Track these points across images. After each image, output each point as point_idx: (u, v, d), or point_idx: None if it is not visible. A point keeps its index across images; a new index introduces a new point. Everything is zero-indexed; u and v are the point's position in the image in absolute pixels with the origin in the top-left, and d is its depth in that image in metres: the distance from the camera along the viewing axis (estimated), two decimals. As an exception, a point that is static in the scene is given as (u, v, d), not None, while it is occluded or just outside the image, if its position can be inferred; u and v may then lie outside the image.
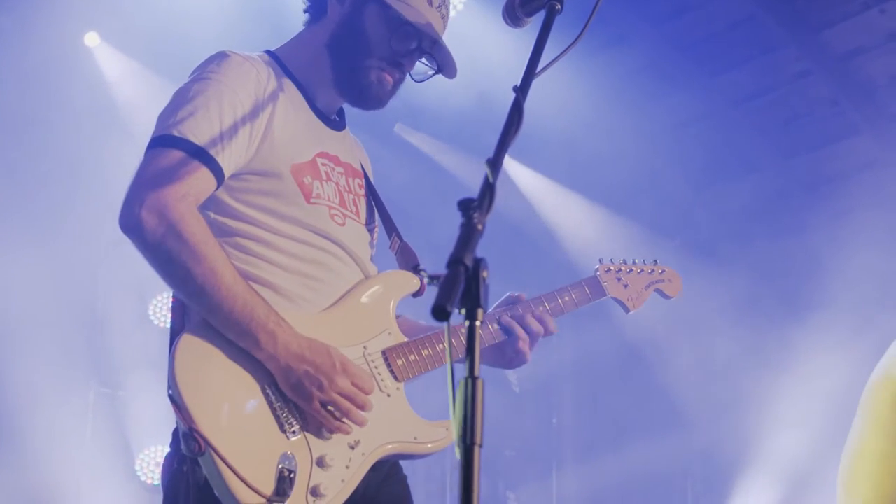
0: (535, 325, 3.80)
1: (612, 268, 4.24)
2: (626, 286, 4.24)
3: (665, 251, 10.51)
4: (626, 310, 4.27)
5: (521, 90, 2.54)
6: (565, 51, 2.76)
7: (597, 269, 4.21)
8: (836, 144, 10.34)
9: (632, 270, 4.29)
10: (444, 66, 3.77)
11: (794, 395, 9.87)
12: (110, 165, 8.39)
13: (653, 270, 4.37)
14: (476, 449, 1.99)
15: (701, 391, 10.64)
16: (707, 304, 10.13)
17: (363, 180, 3.86)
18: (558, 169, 11.06)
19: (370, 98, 3.72)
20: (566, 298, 3.98)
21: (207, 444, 3.12)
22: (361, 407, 3.34)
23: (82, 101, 8.88)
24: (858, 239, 9.38)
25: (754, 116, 10.45)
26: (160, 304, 9.18)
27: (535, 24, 3.04)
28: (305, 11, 3.85)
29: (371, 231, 3.83)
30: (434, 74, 3.80)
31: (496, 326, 3.76)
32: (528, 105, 2.53)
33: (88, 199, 8.60)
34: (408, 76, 3.77)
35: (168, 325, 3.49)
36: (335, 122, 3.81)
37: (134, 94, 8.91)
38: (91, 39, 8.99)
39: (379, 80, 3.68)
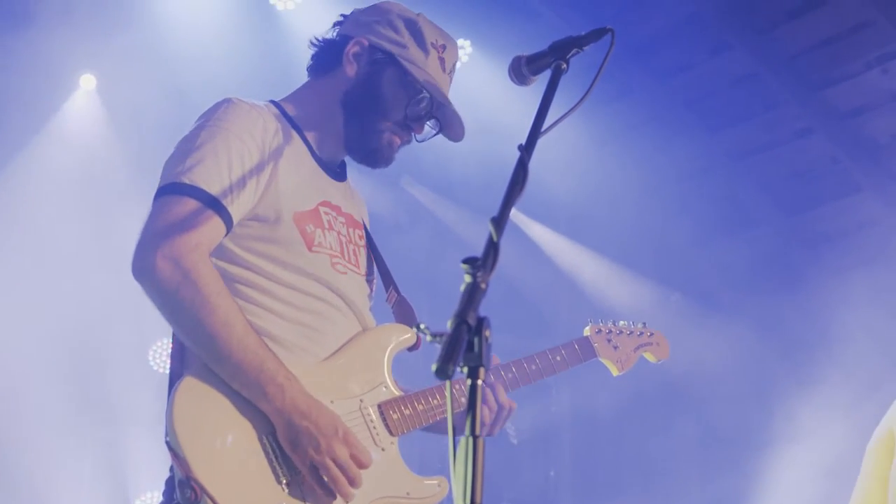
0: (504, 402, 3.74)
1: (602, 329, 4.27)
2: (615, 348, 4.27)
3: (666, 304, 10.58)
4: (615, 372, 4.29)
5: (526, 149, 2.56)
6: (569, 112, 2.79)
7: (587, 330, 4.23)
8: (837, 202, 10.36)
9: (622, 332, 4.32)
10: (449, 126, 3.81)
11: (793, 454, 9.83)
12: (109, 214, 8.43)
13: (642, 333, 4.40)
14: (476, 509, 1.99)
15: (699, 448, 10.60)
16: (706, 358, 10.11)
17: (363, 231, 3.88)
18: (561, 220, 11.09)
19: (378, 159, 3.77)
20: (558, 358, 4.02)
21: (205, 492, 3.11)
22: (352, 481, 3.32)
23: (81, 147, 8.91)
24: (859, 297, 9.38)
25: (756, 172, 10.48)
26: (160, 350, 9.17)
27: (540, 80, 3.08)
28: (313, 59, 3.88)
29: (370, 283, 3.85)
30: (436, 135, 3.85)
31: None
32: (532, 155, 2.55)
33: (88, 245, 8.60)
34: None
35: (167, 371, 3.49)
36: (337, 173, 3.84)
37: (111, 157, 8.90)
38: (87, 81, 8.99)
39: (389, 143, 3.73)
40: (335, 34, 3.86)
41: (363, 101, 3.72)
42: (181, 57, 8.59)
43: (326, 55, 3.84)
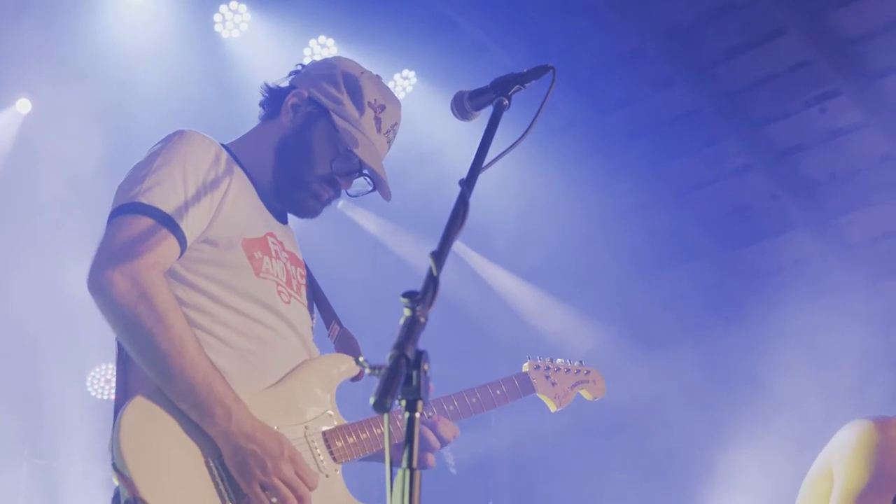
0: (447, 432, 3.79)
1: (540, 365, 4.32)
2: (553, 384, 4.32)
3: (605, 337, 10.65)
4: (553, 408, 4.34)
5: (467, 184, 2.59)
6: (510, 148, 2.82)
7: (526, 366, 4.28)
8: (775, 238, 10.49)
9: (559, 369, 4.37)
10: (380, 184, 3.85)
11: (733, 487, 9.92)
12: (46, 240, 8.37)
13: (579, 371, 4.45)
14: (413, 542, 2.01)
15: (639, 480, 10.65)
16: (646, 391, 10.19)
17: (305, 271, 3.91)
18: (502, 252, 11.13)
19: (304, 210, 3.84)
20: (497, 392, 4.06)
21: None
22: (300, 499, 3.34)
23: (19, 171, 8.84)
24: (796, 331, 9.50)
25: (697, 207, 10.59)
26: (98, 376, 9.09)
27: (483, 113, 3.12)
28: (260, 104, 3.93)
29: (312, 317, 3.88)
30: (371, 191, 3.90)
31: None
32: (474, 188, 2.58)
33: (26, 270, 8.54)
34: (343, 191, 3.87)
35: (106, 398, 3.50)
36: (281, 215, 3.87)
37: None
38: (22, 106, 8.93)
39: (315, 196, 3.79)
40: (287, 82, 3.91)
41: (292, 152, 3.78)
42: (125, 83, 8.55)
43: (271, 102, 3.91)
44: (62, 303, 8.03)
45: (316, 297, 3.96)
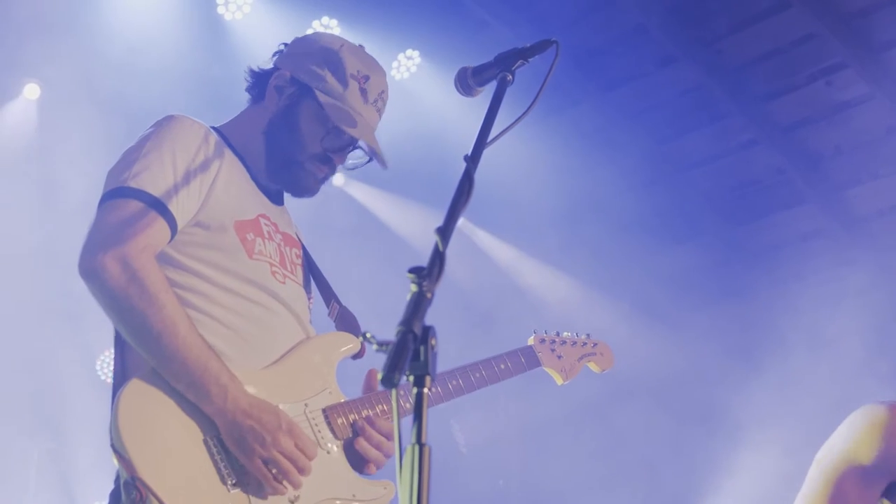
0: (384, 425, 3.65)
1: (546, 338, 4.31)
2: (559, 357, 4.30)
3: (613, 313, 10.64)
4: (559, 381, 4.33)
5: (472, 160, 2.59)
6: (515, 122, 2.82)
7: (531, 340, 4.27)
8: (782, 213, 10.47)
9: (565, 342, 4.36)
10: (376, 157, 3.86)
11: (742, 464, 9.92)
12: (50, 223, 8.37)
13: (585, 343, 4.44)
14: (423, 517, 2.01)
15: (649, 456, 10.67)
16: (653, 368, 10.19)
17: (301, 251, 3.93)
18: (508, 229, 11.12)
19: (301, 190, 3.85)
20: (502, 367, 4.05)
21: (150, 491, 3.12)
22: (301, 470, 3.35)
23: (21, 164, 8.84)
24: (803, 306, 9.50)
25: (702, 183, 10.57)
26: (108, 360, 9.11)
27: (487, 90, 3.12)
28: (247, 88, 3.94)
29: (309, 296, 3.90)
30: (368, 162, 3.92)
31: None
32: (479, 163, 2.58)
33: (32, 254, 8.54)
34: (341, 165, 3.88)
35: (113, 380, 3.52)
36: (274, 196, 3.88)
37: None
38: (31, 91, 8.91)
39: (309, 175, 3.80)
40: (272, 64, 3.92)
41: (281, 134, 3.79)
42: (129, 67, 8.54)
43: (257, 84, 3.93)
44: (70, 286, 8.05)
45: (314, 277, 3.97)
